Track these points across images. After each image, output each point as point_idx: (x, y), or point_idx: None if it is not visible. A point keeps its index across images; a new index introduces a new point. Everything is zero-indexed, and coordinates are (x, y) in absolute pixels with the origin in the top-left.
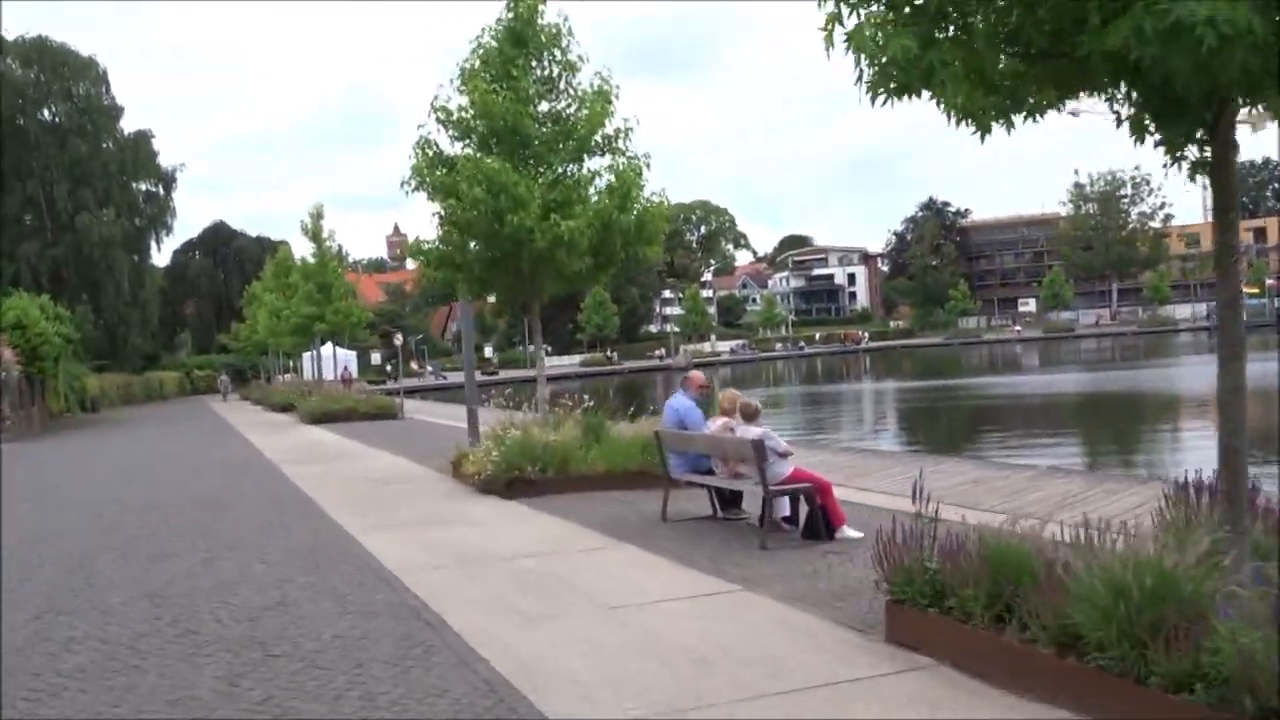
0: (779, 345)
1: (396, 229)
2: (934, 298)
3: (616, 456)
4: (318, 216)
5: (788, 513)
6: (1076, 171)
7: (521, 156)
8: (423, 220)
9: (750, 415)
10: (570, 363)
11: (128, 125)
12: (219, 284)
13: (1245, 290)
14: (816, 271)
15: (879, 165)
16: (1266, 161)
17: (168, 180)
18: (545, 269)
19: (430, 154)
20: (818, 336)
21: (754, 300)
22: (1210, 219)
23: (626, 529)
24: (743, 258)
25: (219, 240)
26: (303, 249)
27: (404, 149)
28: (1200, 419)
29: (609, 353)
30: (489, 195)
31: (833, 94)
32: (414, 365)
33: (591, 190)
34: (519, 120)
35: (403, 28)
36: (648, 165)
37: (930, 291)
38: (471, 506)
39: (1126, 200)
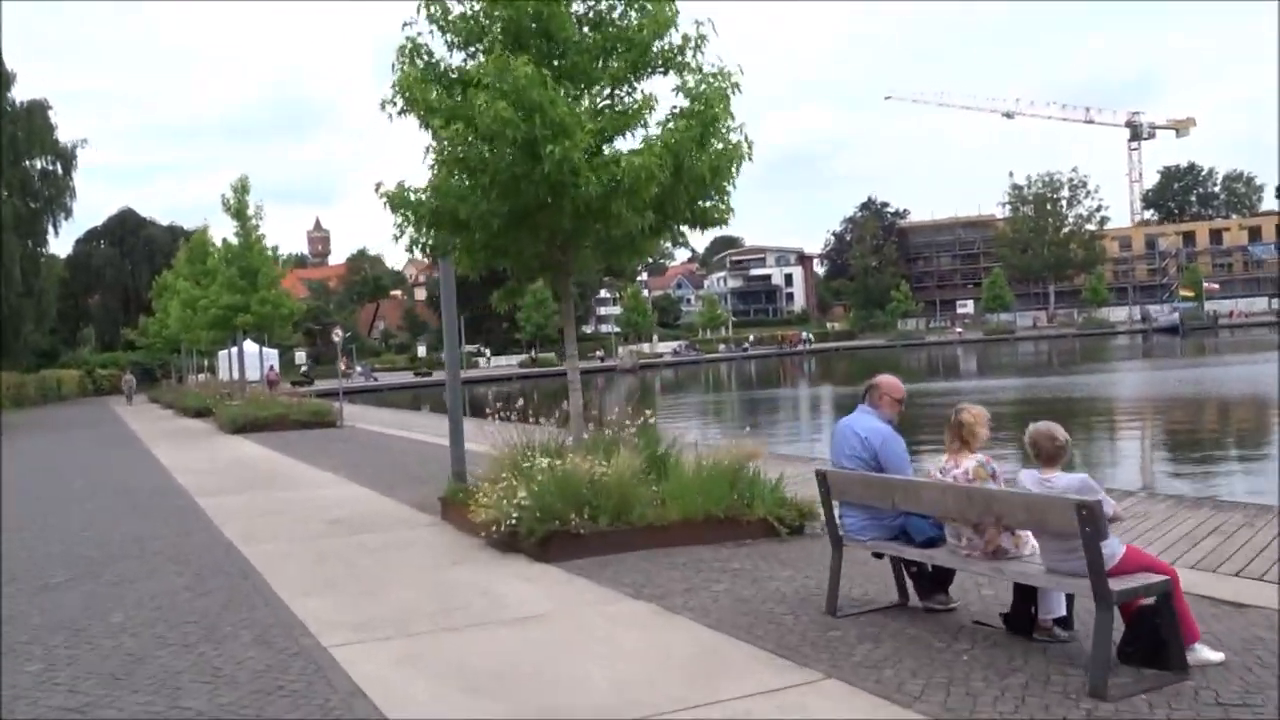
0: (722, 346)
1: (318, 224)
2: (875, 299)
3: (693, 497)
4: (242, 191)
5: (1063, 612)
6: (1011, 174)
7: (556, 72)
8: (358, 210)
9: (1051, 453)
10: (507, 363)
11: (19, 94)
12: (126, 275)
13: (1180, 293)
14: (754, 272)
15: (803, 164)
16: (1191, 166)
17: (66, 157)
18: (589, 229)
19: (422, 64)
20: (752, 338)
21: (689, 301)
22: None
23: (787, 634)
24: (680, 256)
25: (126, 228)
26: (224, 230)
27: (328, 141)
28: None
29: (532, 354)
30: (518, 117)
31: (756, 94)
32: (342, 366)
33: (652, 122)
34: (554, 17)
35: (325, 18)
36: (737, 87)
37: (871, 292)
38: (499, 579)
39: (1064, 202)
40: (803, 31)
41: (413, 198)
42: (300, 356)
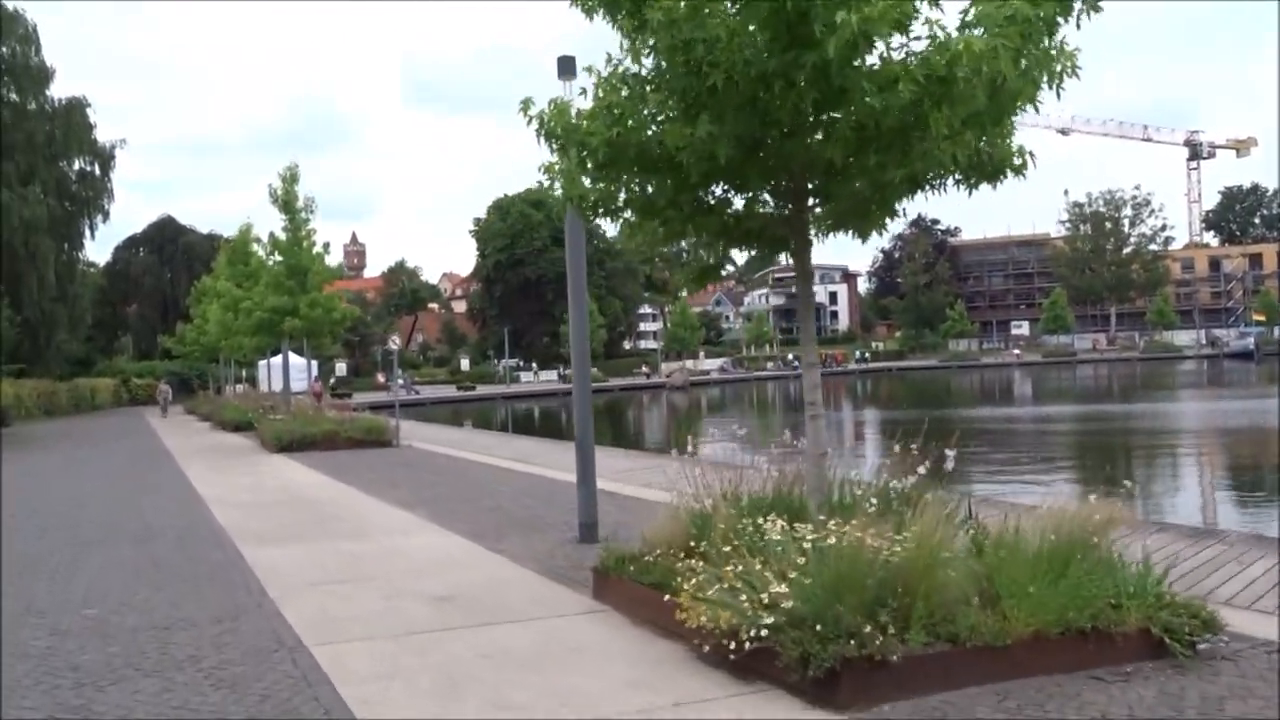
0: (770, 364)
1: (355, 238)
2: (925, 318)
3: (1045, 595)
4: (291, 181)
5: None
6: (1067, 192)
7: None
8: (392, 224)
9: None
10: (548, 379)
11: (59, 91)
12: (164, 283)
13: (1253, 317)
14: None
15: None
16: (1255, 187)
17: (104, 158)
18: (862, 166)
19: None
20: (790, 357)
21: (728, 318)
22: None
23: None
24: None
25: (165, 236)
26: (270, 225)
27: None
28: None
29: (563, 370)
30: None
31: None
32: (380, 378)
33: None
34: None
35: (356, 35)
36: None
37: (922, 311)
38: None
39: (1126, 221)
40: None
41: (587, 126)
42: (341, 368)
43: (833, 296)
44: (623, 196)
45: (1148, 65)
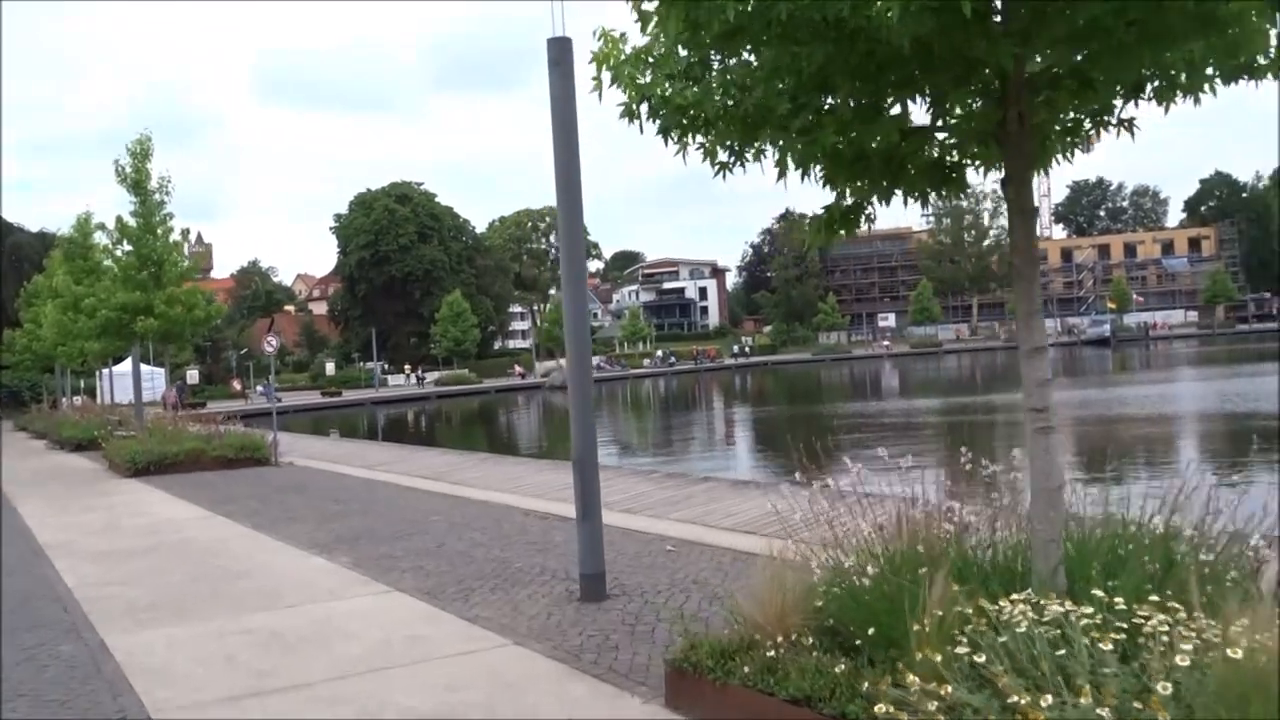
0: (646, 361)
1: (200, 238)
2: (797, 312)
3: None
4: (142, 155)
5: None
6: None
7: None
8: (240, 224)
9: None
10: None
11: None
12: None
13: (1108, 305)
14: (667, 285)
15: (699, 182)
16: (1100, 181)
17: None
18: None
19: None
20: (661, 353)
21: (596, 315)
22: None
23: None
24: (592, 268)
25: None
26: (116, 210)
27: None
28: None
29: (417, 372)
30: None
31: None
32: (236, 385)
33: None
34: None
35: (204, 29)
36: None
37: (794, 305)
38: None
39: (986, 214)
40: None
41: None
42: (193, 375)
43: (702, 292)
44: (728, 101)
45: None
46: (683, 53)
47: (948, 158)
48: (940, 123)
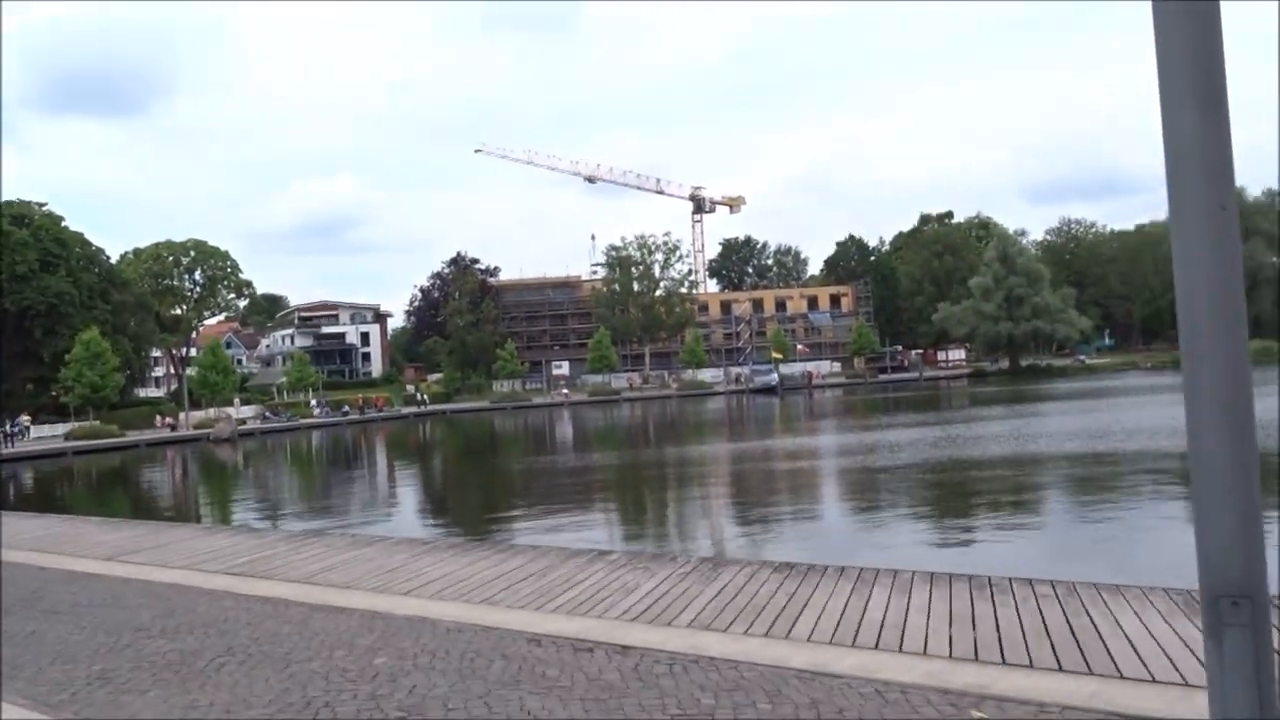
0: (317, 410)
1: None
2: (473, 359)
3: None
4: None
5: None
6: (594, 237)
7: None
8: None
9: None
10: (51, 434)
11: None
12: None
13: (773, 355)
14: (326, 329)
15: (332, 229)
16: (748, 239)
17: None
18: None
19: None
20: (313, 401)
21: (241, 361)
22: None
23: None
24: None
25: None
26: None
27: None
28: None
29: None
30: None
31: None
32: None
33: None
34: None
35: None
36: None
37: (469, 352)
38: None
39: (658, 265)
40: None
41: None
42: None
43: (364, 337)
44: None
45: (660, 127)
46: None
47: None
48: None
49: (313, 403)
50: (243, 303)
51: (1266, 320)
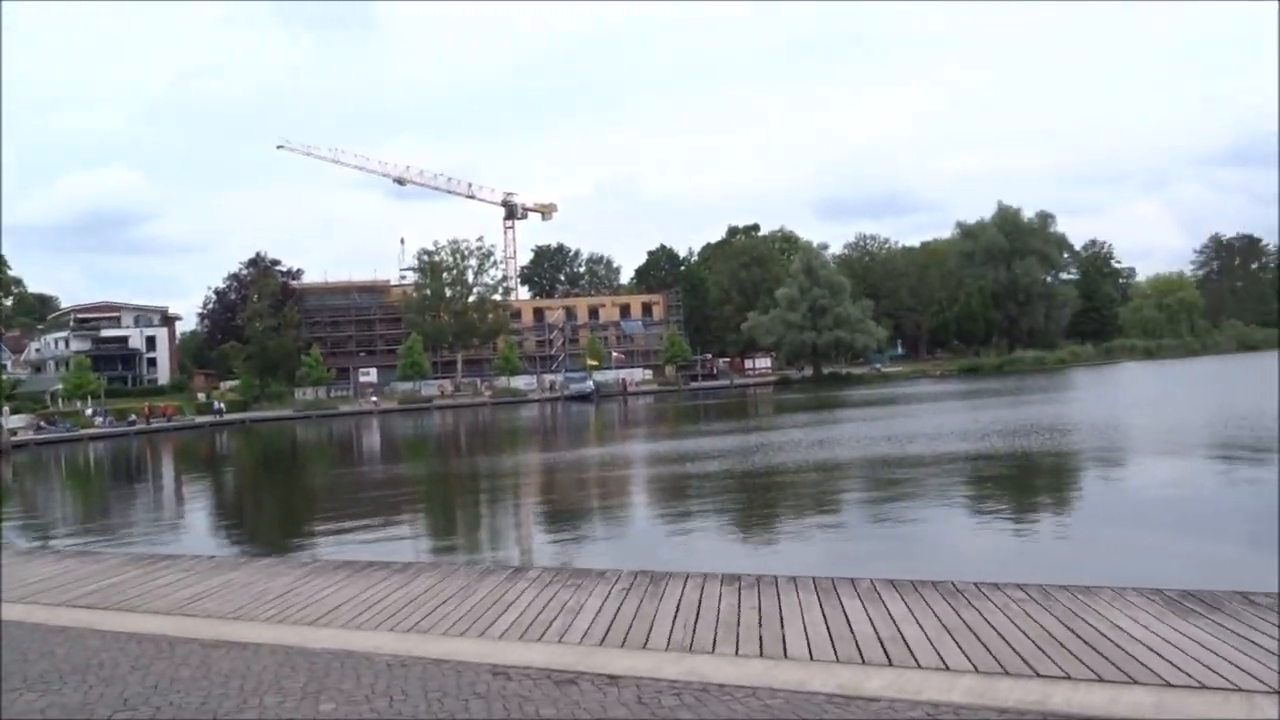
0: (99, 420)
1: None
2: (275, 364)
3: None
4: None
5: None
6: (403, 241)
7: None
8: None
9: None
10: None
11: None
12: None
13: (589, 363)
14: (107, 333)
15: (109, 225)
16: (560, 247)
17: None
18: None
19: None
20: (90, 411)
21: (6, 367)
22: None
23: None
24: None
25: None
26: None
27: None
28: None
29: None
30: None
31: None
32: None
33: None
34: None
35: None
36: None
37: (270, 357)
38: None
39: (471, 271)
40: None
41: None
42: None
43: (150, 341)
44: None
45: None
46: None
47: None
48: None
49: (90, 411)
50: (9, 301)
51: (1039, 331)
